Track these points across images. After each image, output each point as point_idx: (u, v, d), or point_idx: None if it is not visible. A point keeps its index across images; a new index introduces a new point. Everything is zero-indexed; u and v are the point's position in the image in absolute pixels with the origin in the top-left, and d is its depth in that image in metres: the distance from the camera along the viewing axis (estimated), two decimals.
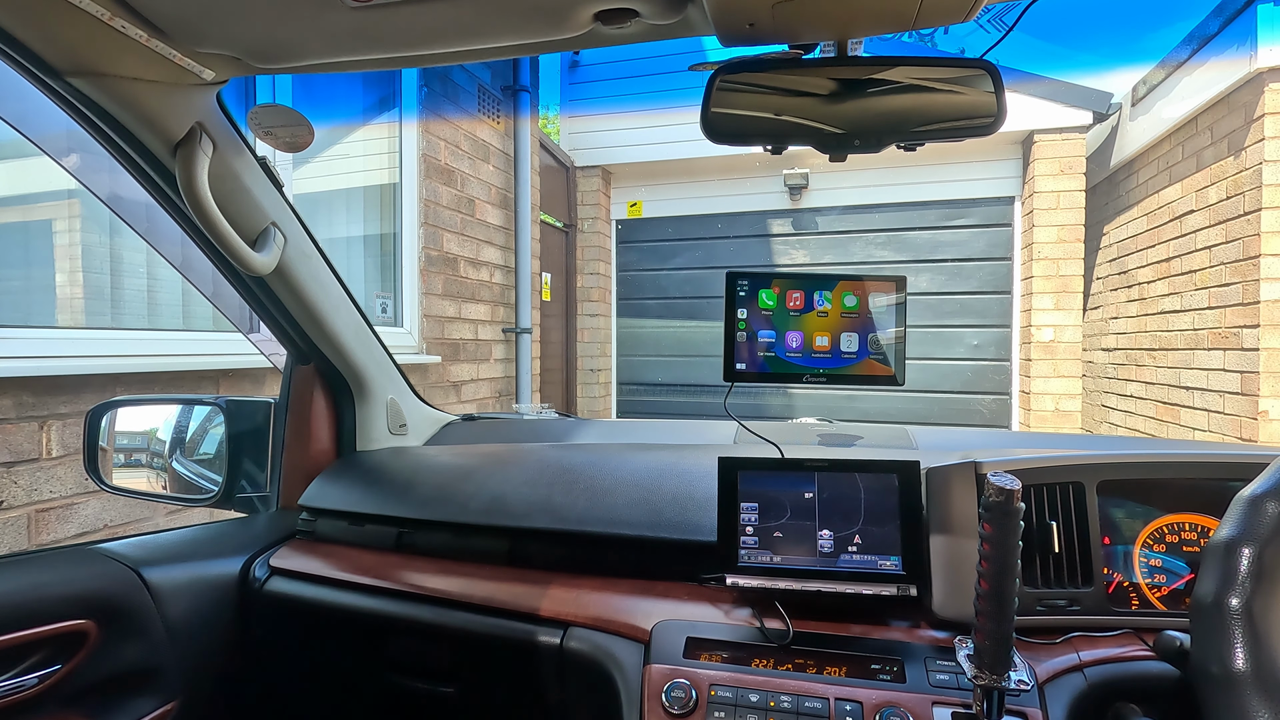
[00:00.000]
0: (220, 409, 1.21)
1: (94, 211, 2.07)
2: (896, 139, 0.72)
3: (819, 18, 0.65)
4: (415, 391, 1.35)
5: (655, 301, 5.95)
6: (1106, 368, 4.97)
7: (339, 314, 1.11)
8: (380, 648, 0.95)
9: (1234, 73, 3.37)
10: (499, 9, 0.65)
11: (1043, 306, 4.82)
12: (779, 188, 5.56)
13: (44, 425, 1.77)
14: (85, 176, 0.97)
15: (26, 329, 1.81)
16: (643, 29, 0.69)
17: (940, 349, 5.24)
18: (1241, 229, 3.41)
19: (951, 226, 5.24)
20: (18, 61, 0.71)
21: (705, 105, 0.72)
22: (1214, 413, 3.61)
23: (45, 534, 1.77)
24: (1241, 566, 0.51)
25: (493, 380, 4.09)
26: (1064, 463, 0.80)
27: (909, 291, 0.97)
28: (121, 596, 0.88)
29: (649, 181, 5.91)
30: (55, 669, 0.81)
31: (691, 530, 0.88)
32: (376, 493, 1.09)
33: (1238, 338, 3.43)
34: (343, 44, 0.72)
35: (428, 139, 3.48)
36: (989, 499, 0.66)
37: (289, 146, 0.89)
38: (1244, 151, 3.40)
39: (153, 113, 0.77)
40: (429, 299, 3.51)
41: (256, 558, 1.04)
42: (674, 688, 0.70)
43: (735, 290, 0.98)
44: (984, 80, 0.69)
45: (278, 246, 0.96)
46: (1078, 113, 4.71)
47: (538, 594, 0.86)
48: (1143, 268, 4.44)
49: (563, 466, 1.05)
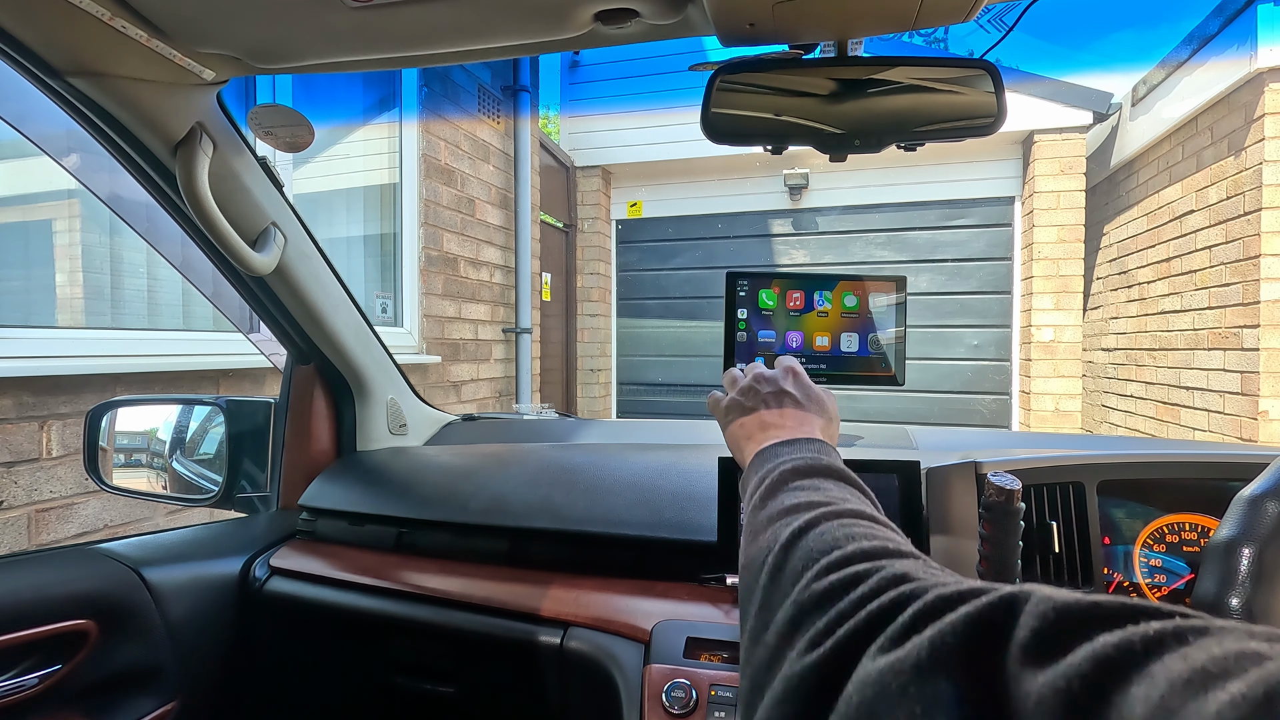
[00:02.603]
0: (220, 409, 1.21)
1: (94, 211, 2.07)
2: (896, 139, 0.72)
3: (819, 18, 0.65)
4: (415, 391, 1.35)
5: (655, 301, 5.95)
6: (1106, 368, 4.97)
7: (339, 314, 1.11)
8: (380, 648, 0.95)
9: (1234, 73, 3.37)
10: (499, 9, 0.65)
11: (1043, 306, 4.82)
12: (779, 188, 5.56)
13: (44, 425, 1.77)
14: (85, 176, 0.97)
15: (26, 329, 1.81)
16: (643, 29, 0.69)
17: (940, 349, 5.24)
18: (1241, 229, 3.41)
19: (951, 226, 5.24)
20: (18, 61, 0.71)
21: (705, 105, 0.72)
22: (1214, 413, 3.61)
23: (45, 534, 1.77)
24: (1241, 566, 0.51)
25: (493, 380, 4.09)
26: (1064, 463, 0.80)
27: (909, 291, 0.97)
28: (122, 596, 0.88)
29: (649, 181, 5.91)
30: (55, 669, 0.81)
31: (691, 530, 0.88)
32: (376, 493, 1.09)
33: (1238, 338, 3.43)
34: (343, 44, 0.72)
35: (428, 139, 3.48)
36: (989, 499, 0.66)
37: (289, 146, 0.89)
38: (1244, 151, 3.40)
39: (153, 113, 0.77)
40: (429, 299, 3.51)
41: (256, 558, 1.04)
42: (674, 688, 0.70)
43: (735, 290, 0.98)
44: (984, 80, 0.69)
45: (278, 246, 0.96)
46: (1078, 113, 4.71)
47: (538, 594, 0.86)
48: (1143, 268, 4.44)
49: (563, 466, 1.05)
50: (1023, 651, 0.24)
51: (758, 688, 0.34)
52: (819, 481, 0.48)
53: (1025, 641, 0.24)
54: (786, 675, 0.32)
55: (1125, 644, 0.21)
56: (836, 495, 0.46)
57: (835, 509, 0.43)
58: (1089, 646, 0.22)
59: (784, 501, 0.46)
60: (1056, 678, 0.21)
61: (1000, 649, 0.24)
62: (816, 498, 0.45)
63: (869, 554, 0.36)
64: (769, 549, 0.42)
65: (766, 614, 0.38)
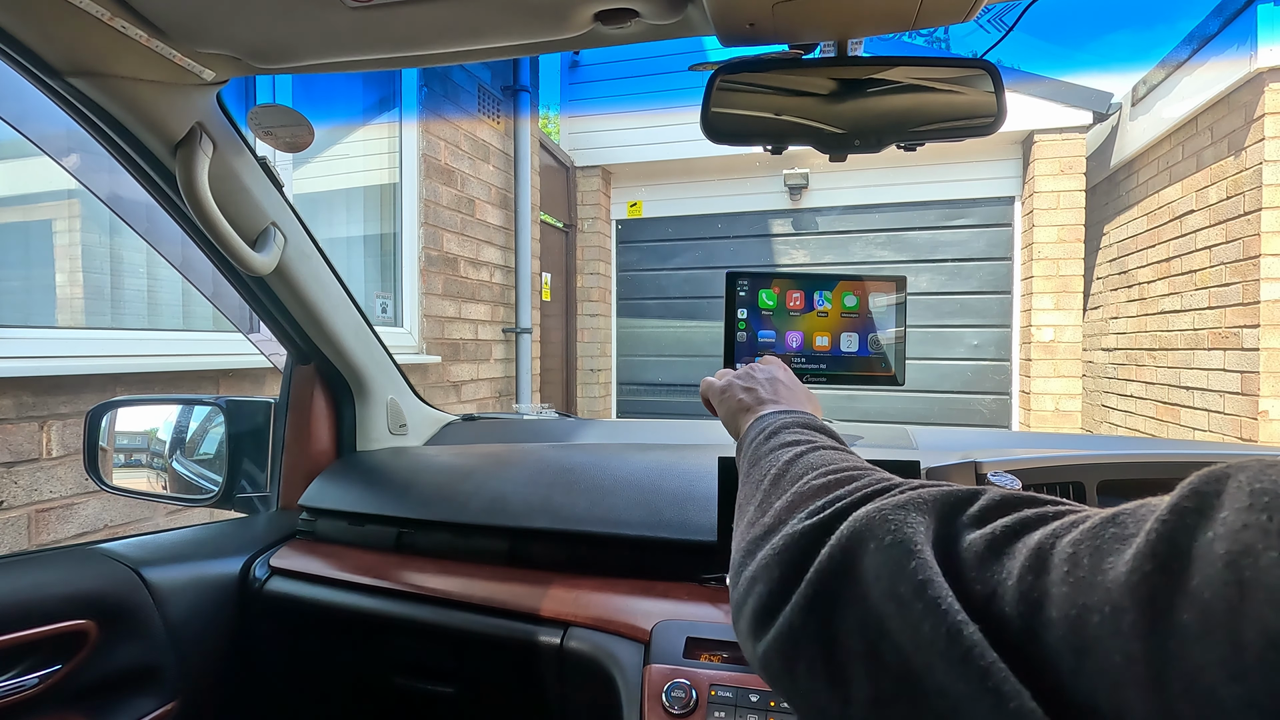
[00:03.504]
0: (220, 409, 1.21)
1: (94, 211, 2.07)
2: (896, 139, 0.72)
3: (819, 18, 0.65)
4: (415, 391, 1.35)
5: (655, 301, 5.95)
6: (1106, 368, 4.97)
7: (339, 314, 1.11)
8: (380, 648, 0.95)
9: (1234, 73, 3.37)
10: (499, 9, 0.65)
11: (1043, 306, 4.83)
12: (779, 188, 5.56)
13: (44, 425, 1.77)
14: (85, 176, 0.97)
15: (26, 329, 1.81)
16: (643, 29, 0.69)
17: (940, 349, 5.24)
18: (1241, 229, 3.41)
19: (951, 226, 5.24)
20: (18, 61, 0.70)
21: (705, 105, 0.72)
22: (1214, 413, 3.61)
23: (45, 534, 1.77)
24: None
25: (493, 380, 4.09)
26: (1064, 463, 0.80)
27: (909, 291, 0.97)
28: (122, 596, 0.88)
29: (649, 181, 5.91)
30: (55, 669, 0.81)
31: (691, 530, 0.88)
32: (376, 493, 1.09)
33: (1238, 338, 3.43)
34: (343, 44, 0.72)
35: (428, 139, 3.48)
36: None
37: (289, 146, 0.89)
38: (1244, 151, 3.40)
39: (153, 113, 0.77)
40: (429, 299, 3.51)
41: (256, 558, 1.04)
42: (674, 688, 0.70)
43: (735, 290, 0.98)
44: (984, 80, 0.69)
45: (278, 246, 0.96)
46: (1078, 113, 4.71)
47: (538, 594, 0.86)
48: (1143, 268, 4.44)
49: (563, 466, 1.05)
50: (970, 518, 0.32)
51: (750, 553, 0.40)
52: (816, 434, 0.53)
53: (974, 513, 0.33)
54: (788, 533, 0.38)
55: (1039, 513, 0.30)
56: (830, 442, 0.51)
57: (831, 445, 0.50)
58: (1015, 514, 0.31)
59: (784, 439, 0.52)
60: (987, 529, 0.31)
61: (958, 513, 0.33)
62: (815, 440, 0.51)
63: (862, 468, 0.43)
64: (771, 466, 0.47)
65: (765, 506, 0.43)
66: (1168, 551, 0.23)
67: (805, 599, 0.34)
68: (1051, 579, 0.26)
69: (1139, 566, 0.23)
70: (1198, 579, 0.21)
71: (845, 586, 0.33)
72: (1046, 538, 0.28)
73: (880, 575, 0.31)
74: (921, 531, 0.32)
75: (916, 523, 0.32)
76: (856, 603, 0.32)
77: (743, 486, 0.50)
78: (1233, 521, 0.21)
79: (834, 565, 0.34)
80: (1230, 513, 0.22)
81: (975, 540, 0.30)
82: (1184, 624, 0.21)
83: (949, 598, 0.28)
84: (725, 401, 0.68)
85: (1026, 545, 0.28)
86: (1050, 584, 0.26)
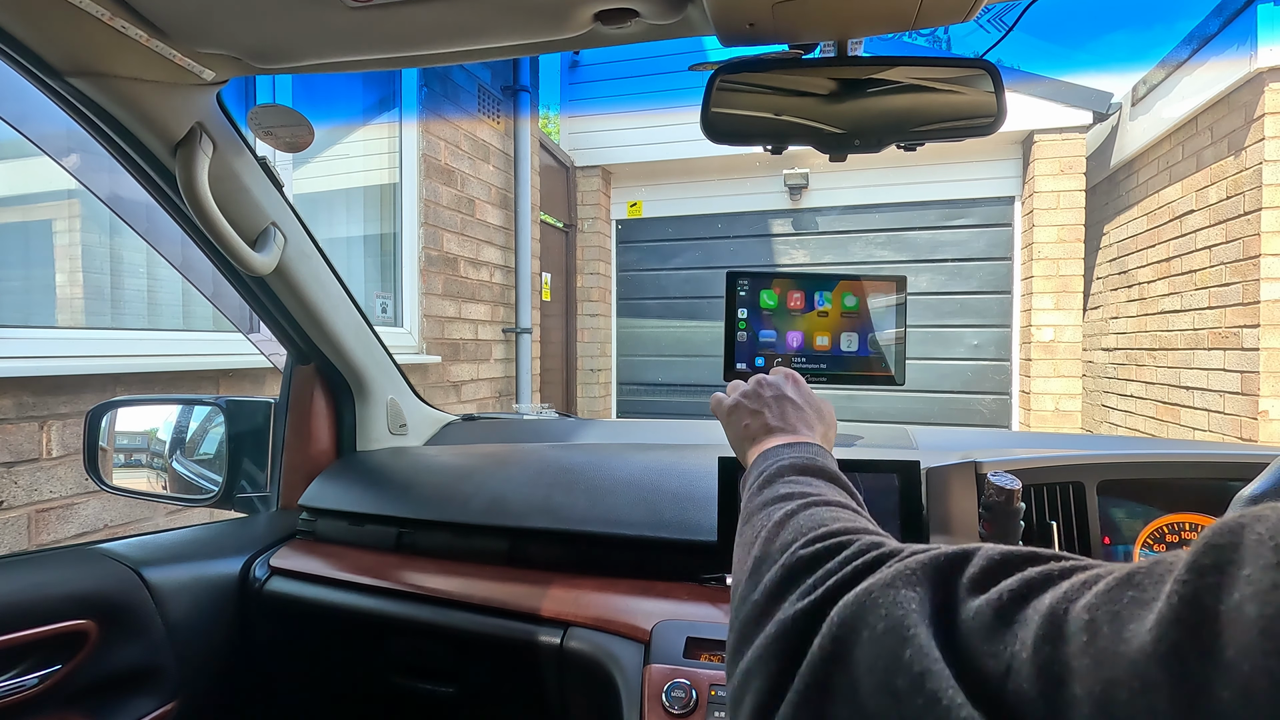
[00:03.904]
0: (220, 409, 1.21)
1: (94, 211, 2.07)
2: (896, 139, 0.72)
3: (819, 18, 0.65)
4: (415, 391, 1.35)
5: (655, 301, 5.95)
6: (1106, 368, 4.97)
7: (339, 314, 1.11)
8: (380, 648, 0.95)
9: (1234, 73, 3.36)
10: (499, 9, 0.65)
11: (1043, 306, 4.82)
12: (779, 188, 5.56)
13: (44, 425, 1.77)
14: (85, 176, 0.97)
15: (26, 329, 1.81)
16: (643, 29, 0.69)
17: (940, 349, 5.24)
18: (1241, 229, 3.41)
19: (951, 226, 5.24)
20: (18, 61, 0.71)
21: (705, 105, 0.72)
22: (1214, 413, 3.61)
23: (45, 534, 1.77)
24: None
25: (493, 380, 4.09)
26: (1064, 463, 0.80)
27: (909, 291, 0.97)
28: (122, 596, 0.88)
29: (649, 181, 5.91)
30: (55, 669, 0.81)
31: (691, 530, 0.88)
32: (376, 493, 1.09)
33: (1238, 337, 3.43)
34: (343, 44, 0.72)
35: (428, 139, 3.48)
36: (989, 499, 0.66)
37: (289, 146, 0.89)
38: (1244, 151, 3.40)
39: (153, 113, 0.77)
40: (429, 299, 3.51)
41: (256, 558, 1.04)
42: (674, 688, 0.70)
43: (735, 290, 0.98)
44: (984, 80, 0.69)
45: (278, 246, 0.96)
46: (1078, 113, 4.71)
47: (538, 594, 0.86)
48: (1143, 268, 4.44)
49: (563, 466, 1.05)
50: (970, 581, 0.30)
51: (745, 638, 0.39)
52: (811, 479, 0.52)
53: (973, 575, 0.31)
54: (780, 619, 0.37)
55: (1044, 572, 0.29)
56: (826, 490, 0.50)
57: (824, 499, 0.48)
58: (1019, 575, 0.29)
59: (779, 490, 0.51)
60: (992, 594, 0.29)
61: (955, 579, 0.31)
62: (809, 490, 0.50)
63: (850, 530, 0.42)
64: (762, 526, 0.47)
65: (756, 578, 0.42)
66: (1194, 617, 0.21)
67: (800, 696, 0.33)
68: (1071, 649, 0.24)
69: (1165, 635, 0.21)
70: (1232, 650, 0.20)
71: (839, 682, 0.31)
72: (1059, 601, 0.26)
73: (873, 668, 0.29)
74: (915, 610, 0.30)
75: (908, 600, 0.30)
76: (849, 701, 0.30)
77: (739, 538, 0.50)
78: (1261, 581, 0.20)
79: (825, 658, 0.32)
80: (1254, 570, 0.21)
81: (981, 608, 0.28)
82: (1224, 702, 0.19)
83: (950, 689, 0.26)
84: (732, 425, 0.68)
85: (1038, 611, 0.26)
86: (1070, 655, 0.24)
